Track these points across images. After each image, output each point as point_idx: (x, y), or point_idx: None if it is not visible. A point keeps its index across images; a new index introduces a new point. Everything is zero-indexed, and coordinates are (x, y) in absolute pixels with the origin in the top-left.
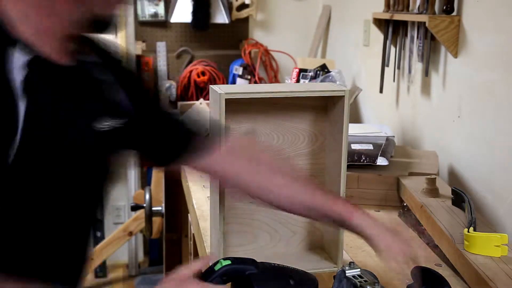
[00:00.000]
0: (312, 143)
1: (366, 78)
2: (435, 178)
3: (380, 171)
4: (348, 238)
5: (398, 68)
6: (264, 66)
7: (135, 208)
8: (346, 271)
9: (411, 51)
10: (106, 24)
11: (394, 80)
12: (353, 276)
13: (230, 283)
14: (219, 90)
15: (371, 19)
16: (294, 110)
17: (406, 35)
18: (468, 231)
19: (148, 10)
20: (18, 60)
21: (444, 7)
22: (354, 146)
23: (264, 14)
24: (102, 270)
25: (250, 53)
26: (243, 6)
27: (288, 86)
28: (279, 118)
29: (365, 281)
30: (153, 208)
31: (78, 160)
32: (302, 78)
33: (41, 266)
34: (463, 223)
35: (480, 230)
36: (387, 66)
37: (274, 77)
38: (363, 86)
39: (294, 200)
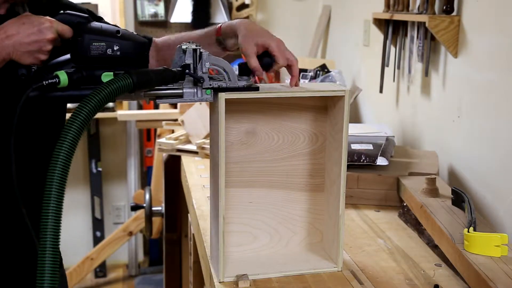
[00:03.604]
0: (312, 143)
1: (366, 78)
2: (435, 178)
3: (380, 171)
4: (348, 238)
5: (398, 68)
6: None
7: (135, 208)
8: None
9: (411, 51)
10: None
11: (394, 80)
12: None
13: None
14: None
15: (371, 19)
16: (294, 110)
17: (406, 35)
18: (468, 231)
19: (148, 10)
20: None
21: (444, 7)
22: (354, 146)
23: (264, 14)
24: (102, 270)
25: None
26: (243, 6)
27: (288, 86)
28: (279, 118)
29: None
30: (153, 208)
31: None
32: (302, 78)
33: None
34: (463, 223)
35: (480, 230)
36: (387, 66)
37: (274, 77)
38: (363, 86)
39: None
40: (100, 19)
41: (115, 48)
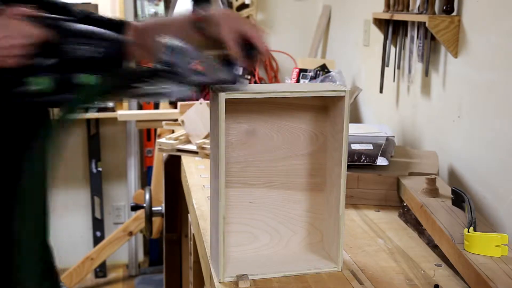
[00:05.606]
0: (312, 143)
1: (366, 78)
2: (435, 178)
3: (380, 171)
4: (348, 238)
5: (398, 68)
6: (264, 66)
7: (135, 208)
8: None
9: (411, 51)
10: None
11: (394, 80)
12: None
13: None
14: (219, 90)
15: (371, 19)
16: (294, 110)
17: (406, 35)
18: (468, 231)
19: (148, 10)
20: None
21: (444, 7)
22: (354, 146)
23: (264, 14)
24: (102, 270)
25: None
26: (243, 6)
27: (288, 86)
28: (279, 118)
29: None
30: (153, 208)
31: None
32: (302, 78)
33: None
34: (463, 223)
35: (480, 230)
36: (387, 66)
37: (274, 77)
38: (363, 86)
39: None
40: (89, 15)
41: (95, 49)
